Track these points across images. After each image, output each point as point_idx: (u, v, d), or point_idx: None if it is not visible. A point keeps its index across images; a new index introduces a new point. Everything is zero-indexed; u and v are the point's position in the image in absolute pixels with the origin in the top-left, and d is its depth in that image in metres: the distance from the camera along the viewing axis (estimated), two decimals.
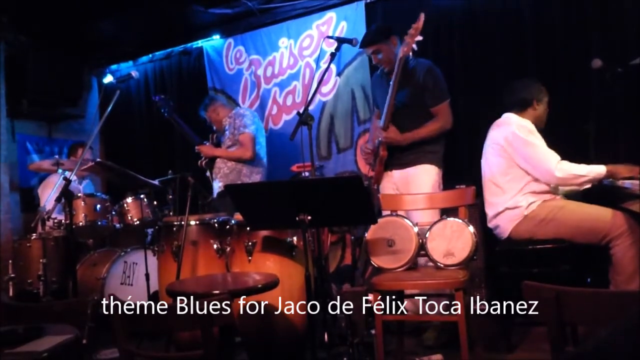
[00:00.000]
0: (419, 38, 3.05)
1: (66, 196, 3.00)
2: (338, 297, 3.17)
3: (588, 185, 2.77)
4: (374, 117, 3.63)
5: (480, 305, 3.47)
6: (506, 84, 3.14)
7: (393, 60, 3.24)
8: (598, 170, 2.70)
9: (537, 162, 2.80)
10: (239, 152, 4.04)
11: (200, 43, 5.23)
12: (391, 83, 3.09)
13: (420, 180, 3.19)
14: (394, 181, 3.31)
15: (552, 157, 2.78)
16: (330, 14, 4.59)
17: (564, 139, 3.45)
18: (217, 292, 2.05)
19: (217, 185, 4.14)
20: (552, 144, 2.97)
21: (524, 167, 2.85)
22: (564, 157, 2.87)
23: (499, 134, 2.95)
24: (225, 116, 4.19)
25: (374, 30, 3.38)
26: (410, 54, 3.12)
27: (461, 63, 3.95)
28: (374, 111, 3.69)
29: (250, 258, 2.77)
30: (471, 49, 3.94)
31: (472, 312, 2.85)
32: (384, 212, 2.94)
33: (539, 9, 3.76)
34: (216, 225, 3.01)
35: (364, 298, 2.84)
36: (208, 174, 4.29)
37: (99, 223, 3.97)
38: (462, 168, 3.49)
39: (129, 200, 4.05)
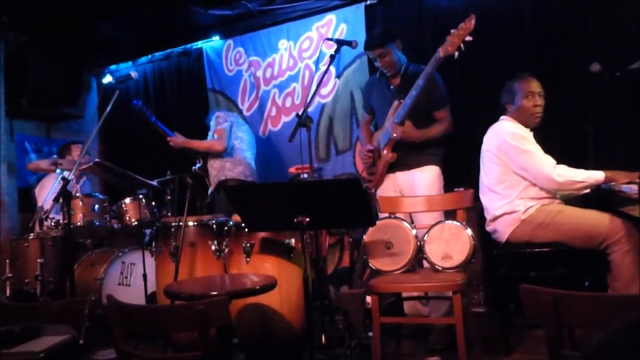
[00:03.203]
0: (469, 39, 2.88)
1: (64, 196, 2.99)
2: (336, 299, 3.18)
3: (587, 191, 2.76)
4: (364, 122, 3.59)
5: (479, 307, 3.47)
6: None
7: (397, 64, 3.25)
8: (596, 176, 2.68)
9: (534, 170, 2.79)
10: (210, 142, 4.15)
11: (199, 44, 5.23)
12: (420, 83, 3.00)
13: (425, 182, 3.18)
14: (397, 184, 3.27)
15: (548, 162, 2.77)
16: (330, 16, 4.59)
17: (563, 141, 3.46)
18: (214, 293, 2.05)
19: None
20: (551, 146, 2.97)
21: (521, 175, 2.84)
22: (563, 159, 2.87)
23: (492, 141, 2.94)
24: None
25: (380, 33, 3.33)
26: (455, 53, 2.92)
27: (460, 64, 3.95)
28: (364, 117, 3.62)
29: (248, 259, 2.77)
30: (470, 50, 3.95)
31: (470, 315, 2.85)
32: (382, 215, 2.94)
33: (539, 11, 3.77)
34: (214, 226, 3.01)
35: (361, 300, 2.85)
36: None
37: (97, 223, 3.96)
38: (460, 171, 3.49)
39: (127, 200, 4.05)
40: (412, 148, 3.18)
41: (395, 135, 3.13)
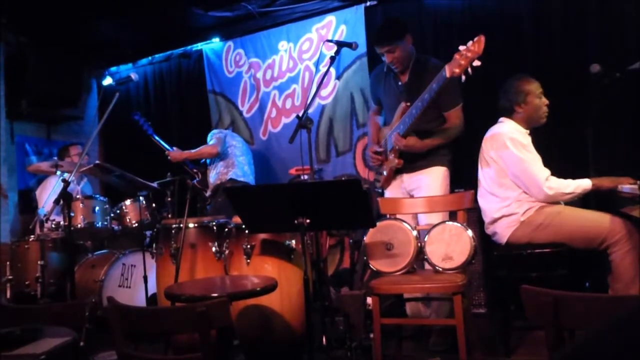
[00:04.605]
0: (477, 63, 2.61)
1: (65, 198, 2.99)
2: (336, 300, 3.17)
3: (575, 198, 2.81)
4: (372, 113, 3.57)
5: (479, 309, 3.47)
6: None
7: (406, 60, 3.17)
8: (584, 185, 2.73)
9: (527, 180, 2.80)
10: (206, 146, 4.41)
11: (199, 46, 5.24)
12: (426, 97, 2.88)
13: (432, 183, 3.15)
14: (404, 185, 3.25)
15: (542, 174, 2.78)
16: (330, 18, 4.60)
17: (562, 142, 3.46)
18: (215, 295, 2.05)
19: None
20: (550, 147, 2.96)
21: (514, 181, 2.85)
22: (562, 160, 2.87)
23: (491, 145, 2.94)
24: None
25: (390, 28, 3.21)
26: (462, 77, 2.68)
27: None
28: (372, 107, 3.60)
29: (248, 261, 2.77)
30: None
31: (470, 316, 2.84)
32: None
33: (539, 11, 3.77)
34: (215, 227, 3.01)
35: (362, 301, 2.84)
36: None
37: (98, 225, 3.96)
38: (461, 172, 3.48)
39: (128, 202, 4.05)
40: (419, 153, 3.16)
41: (398, 147, 3.11)
